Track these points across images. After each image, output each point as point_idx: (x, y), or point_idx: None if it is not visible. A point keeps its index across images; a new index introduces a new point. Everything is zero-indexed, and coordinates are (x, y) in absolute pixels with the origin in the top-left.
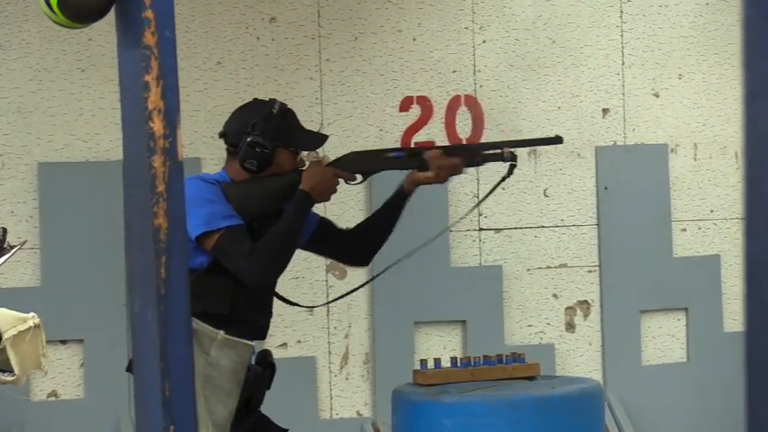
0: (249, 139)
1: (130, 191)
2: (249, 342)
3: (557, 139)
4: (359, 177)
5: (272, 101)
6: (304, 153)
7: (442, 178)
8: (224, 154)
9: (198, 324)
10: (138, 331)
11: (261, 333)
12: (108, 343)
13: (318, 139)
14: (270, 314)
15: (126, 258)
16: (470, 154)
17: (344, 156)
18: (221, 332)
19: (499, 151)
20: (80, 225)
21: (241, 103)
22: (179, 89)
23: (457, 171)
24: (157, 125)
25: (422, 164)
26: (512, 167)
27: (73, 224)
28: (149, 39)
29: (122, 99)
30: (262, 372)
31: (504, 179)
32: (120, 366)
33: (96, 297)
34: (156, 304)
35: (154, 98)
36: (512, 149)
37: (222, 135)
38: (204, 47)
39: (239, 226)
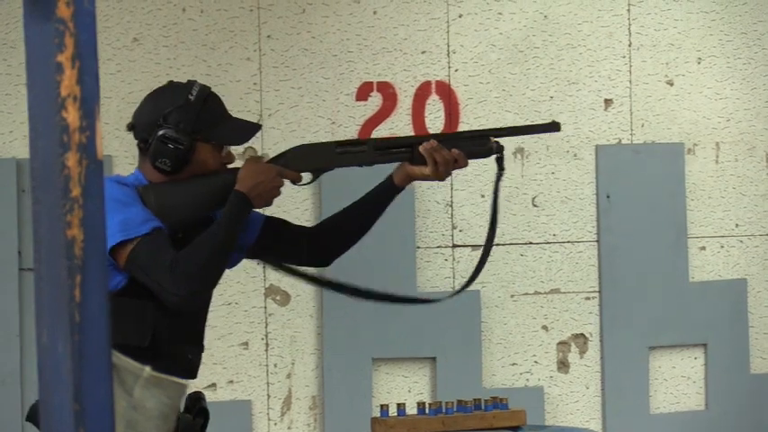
0: (160, 133)
1: (39, 195)
2: (181, 380)
3: (553, 126)
4: (307, 177)
5: (191, 83)
6: (232, 147)
7: (441, 174)
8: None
9: (119, 358)
10: (46, 367)
11: (190, 370)
12: None
13: (249, 128)
14: (201, 348)
15: (34, 278)
16: (449, 144)
17: (290, 150)
18: (147, 368)
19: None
20: None
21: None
22: (98, 72)
23: (460, 164)
24: (72, 116)
25: (411, 156)
26: (500, 162)
27: None
28: (63, 10)
29: (29, 84)
30: (192, 420)
31: (499, 179)
32: (13, 409)
33: None
34: (68, 334)
35: (68, 83)
36: (497, 139)
37: (131, 128)
38: (118, 20)
39: (159, 231)
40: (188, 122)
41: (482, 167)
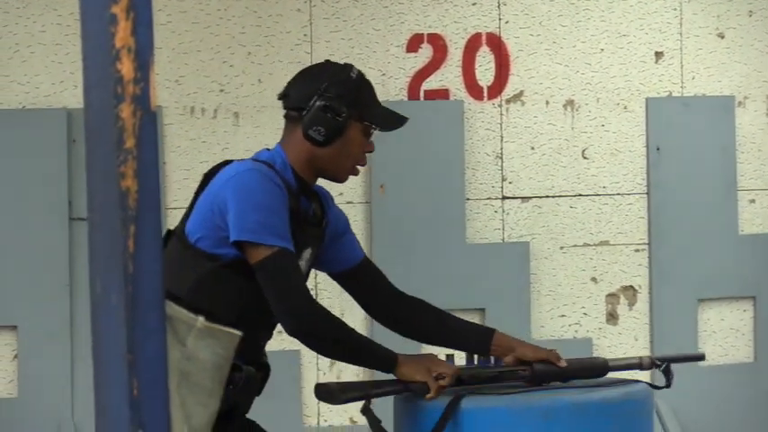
0: (320, 102)
1: (92, 146)
2: (235, 331)
3: (699, 357)
4: None
5: (348, 65)
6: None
7: None
8: (188, 102)
9: (172, 308)
10: (99, 317)
11: (258, 354)
12: (48, 331)
13: (399, 118)
14: (271, 334)
15: (88, 229)
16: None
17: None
18: (201, 318)
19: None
20: (14, 187)
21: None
22: (153, 23)
23: None
24: (126, 67)
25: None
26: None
27: (5, 185)
28: None
29: (83, 35)
30: (254, 373)
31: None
32: (63, 359)
33: (34, 275)
34: (122, 284)
35: (123, 34)
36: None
37: (283, 96)
38: None
39: (292, 253)
40: (348, 97)
41: (532, 119)
